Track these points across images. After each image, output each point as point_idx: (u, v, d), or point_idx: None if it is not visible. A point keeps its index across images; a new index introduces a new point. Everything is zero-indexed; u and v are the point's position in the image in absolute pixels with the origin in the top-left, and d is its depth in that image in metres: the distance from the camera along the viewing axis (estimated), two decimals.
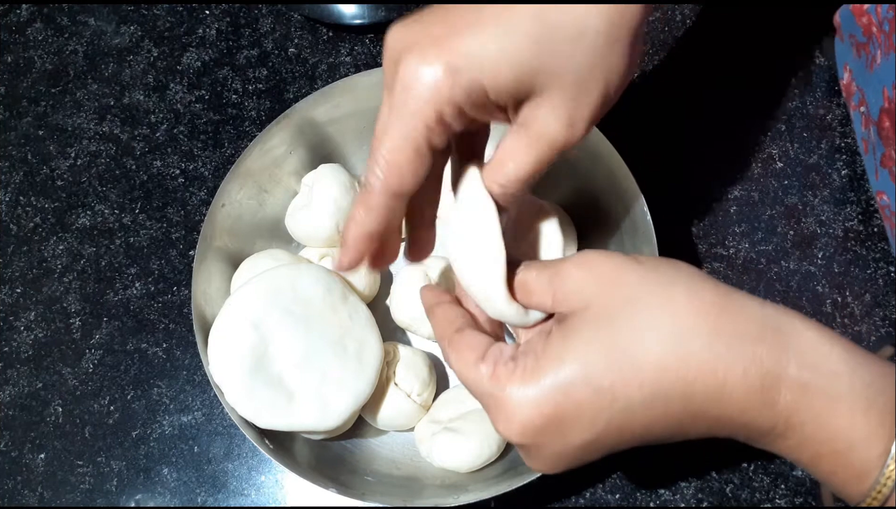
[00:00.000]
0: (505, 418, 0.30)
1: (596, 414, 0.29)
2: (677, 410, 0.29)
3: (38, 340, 0.52)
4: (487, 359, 0.31)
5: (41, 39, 0.61)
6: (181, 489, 0.48)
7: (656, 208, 0.45)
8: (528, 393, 0.29)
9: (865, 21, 0.49)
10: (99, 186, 0.56)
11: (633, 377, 0.28)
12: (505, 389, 0.30)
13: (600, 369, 0.29)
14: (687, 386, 0.28)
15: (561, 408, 0.29)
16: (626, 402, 0.29)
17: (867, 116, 0.50)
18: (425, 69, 0.29)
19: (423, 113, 0.30)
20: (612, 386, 0.29)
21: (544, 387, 0.29)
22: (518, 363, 0.30)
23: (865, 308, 0.50)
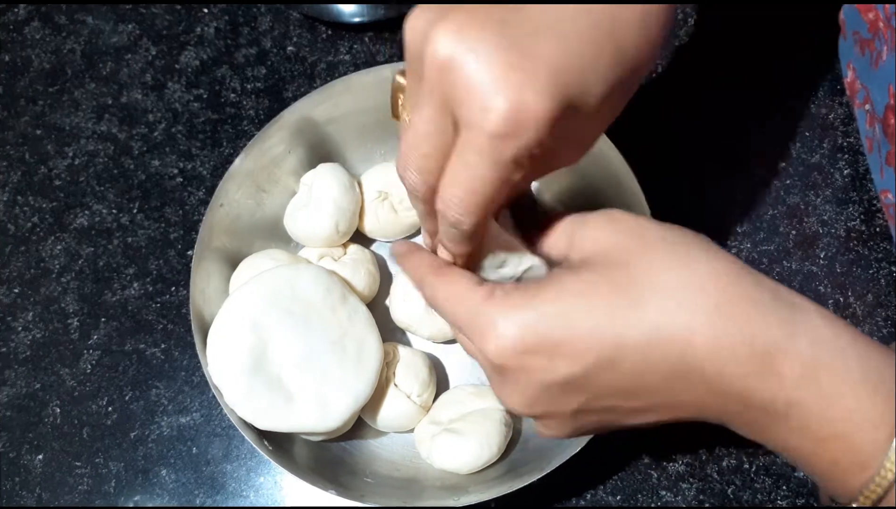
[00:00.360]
0: (494, 335, 0.29)
1: (587, 343, 0.28)
2: (673, 360, 0.28)
3: (35, 341, 0.52)
4: (485, 285, 0.30)
5: (39, 38, 0.61)
6: (179, 490, 0.48)
7: (657, 208, 0.45)
8: (523, 313, 0.28)
9: (872, 17, 0.49)
10: (97, 186, 0.56)
11: (636, 317, 0.28)
12: (499, 307, 0.29)
13: (603, 304, 0.28)
14: (689, 336, 0.27)
15: (554, 333, 0.28)
16: (620, 338, 0.28)
17: (872, 114, 0.50)
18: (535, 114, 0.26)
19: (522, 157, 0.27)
20: (613, 321, 0.28)
21: (542, 310, 0.28)
22: (519, 288, 0.29)
23: (868, 308, 0.49)
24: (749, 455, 0.47)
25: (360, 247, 0.51)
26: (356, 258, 0.49)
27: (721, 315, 0.27)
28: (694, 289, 0.28)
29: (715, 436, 0.47)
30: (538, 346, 0.28)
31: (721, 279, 0.28)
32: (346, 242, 0.51)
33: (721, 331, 0.27)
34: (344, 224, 0.49)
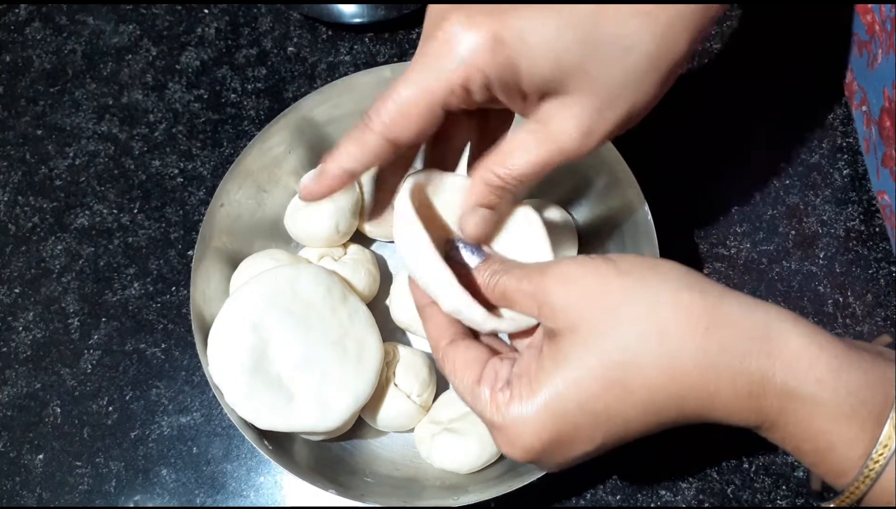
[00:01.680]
0: (507, 443, 0.31)
1: (593, 432, 0.30)
2: (671, 419, 0.30)
3: (36, 341, 0.52)
4: (483, 382, 0.31)
5: (40, 39, 0.61)
6: (180, 490, 0.48)
7: (657, 208, 0.45)
8: (526, 420, 0.30)
9: (869, 19, 0.49)
10: (97, 186, 0.56)
11: (626, 398, 0.29)
12: (504, 417, 0.30)
13: (593, 394, 0.29)
14: (679, 400, 0.29)
15: (559, 432, 0.30)
16: (622, 420, 0.30)
17: (868, 116, 0.50)
18: (470, 32, 0.29)
19: (453, 73, 0.29)
20: (607, 409, 0.29)
21: (541, 415, 0.30)
22: (513, 388, 0.30)
23: (867, 308, 0.50)
24: (749, 454, 0.47)
25: (360, 248, 0.51)
26: (356, 258, 0.50)
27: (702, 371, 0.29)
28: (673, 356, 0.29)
29: (715, 436, 0.47)
30: (546, 447, 0.30)
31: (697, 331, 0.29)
32: (346, 242, 0.51)
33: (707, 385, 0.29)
34: (344, 224, 0.49)
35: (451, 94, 0.30)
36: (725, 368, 0.29)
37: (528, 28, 0.29)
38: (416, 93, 0.30)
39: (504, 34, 0.29)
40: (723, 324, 0.29)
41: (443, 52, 0.29)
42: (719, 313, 0.29)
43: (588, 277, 0.30)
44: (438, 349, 0.34)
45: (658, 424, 0.30)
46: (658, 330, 0.29)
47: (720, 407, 0.29)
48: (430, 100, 0.30)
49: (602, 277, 0.30)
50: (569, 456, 0.31)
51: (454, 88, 0.30)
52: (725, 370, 0.29)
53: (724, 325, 0.29)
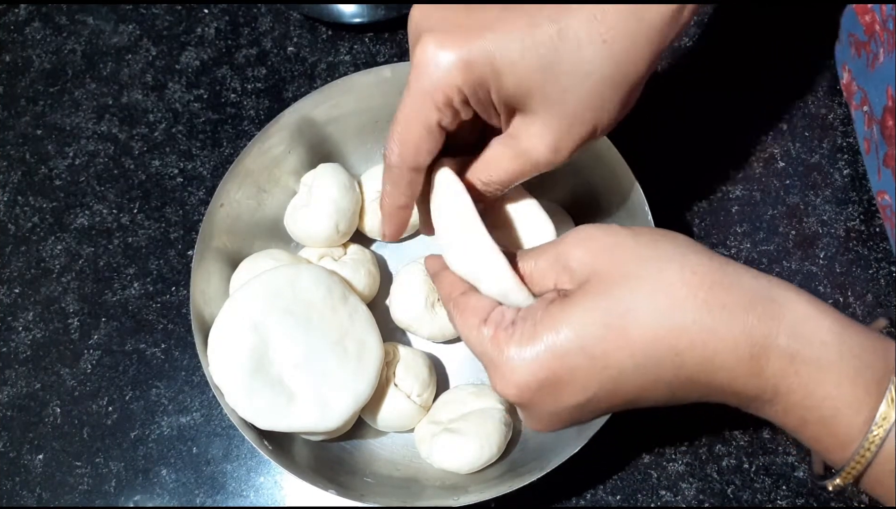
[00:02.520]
0: (502, 379, 0.31)
1: (588, 378, 0.30)
2: (668, 377, 0.30)
3: (36, 341, 0.52)
4: (489, 322, 0.32)
5: (39, 38, 0.61)
6: (180, 490, 0.48)
7: (657, 208, 0.45)
8: (524, 356, 0.31)
9: (868, 19, 0.49)
10: (97, 186, 0.56)
11: (625, 346, 0.30)
12: (503, 352, 0.31)
13: (594, 338, 0.30)
14: (677, 356, 0.29)
15: (555, 373, 0.30)
16: (618, 369, 0.30)
17: (870, 115, 0.50)
18: (440, 54, 0.31)
19: (433, 95, 0.31)
20: (605, 354, 0.30)
21: (540, 353, 0.30)
22: (517, 327, 0.31)
23: (867, 308, 0.50)
24: (749, 454, 0.47)
25: (360, 247, 0.51)
26: (356, 258, 0.50)
27: (704, 327, 0.29)
28: (675, 309, 0.29)
29: (715, 436, 0.47)
30: (541, 388, 0.31)
31: (701, 289, 0.29)
32: (346, 242, 0.51)
33: (707, 342, 0.29)
34: (344, 224, 0.49)
35: (440, 113, 0.32)
36: (727, 327, 0.29)
37: (494, 51, 0.31)
38: (410, 117, 0.32)
39: (472, 56, 0.31)
40: (727, 285, 0.30)
41: (422, 75, 0.32)
42: (724, 274, 0.30)
43: (603, 237, 0.32)
44: (450, 300, 0.35)
45: (655, 379, 0.30)
46: (664, 285, 0.30)
47: (720, 369, 0.29)
48: (424, 122, 0.32)
49: (615, 240, 0.32)
50: (560, 403, 0.31)
51: (440, 108, 0.32)
52: (727, 329, 0.29)
53: (728, 286, 0.29)
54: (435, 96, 0.31)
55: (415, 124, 0.32)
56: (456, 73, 0.31)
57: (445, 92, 0.31)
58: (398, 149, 0.33)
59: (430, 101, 0.32)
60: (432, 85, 0.31)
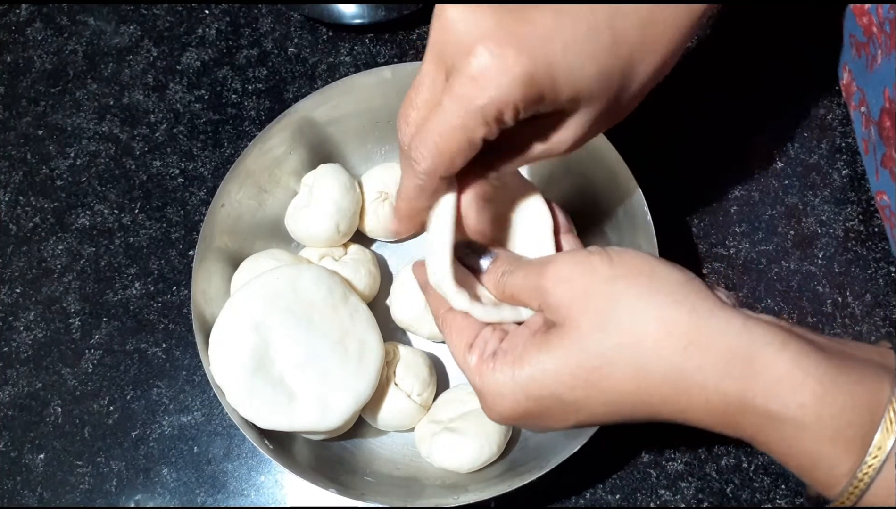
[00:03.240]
0: (486, 407, 0.33)
1: (564, 416, 0.32)
2: (643, 418, 0.32)
3: (37, 340, 0.52)
4: (474, 348, 0.34)
5: (41, 39, 0.61)
6: (181, 489, 0.48)
7: (657, 208, 0.45)
8: (503, 394, 0.32)
9: (866, 21, 0.49)
10: (98, 186, 0.56)
11: (596, 397, 0.31)
12: (486, 384, 0.33)
13: (566, 387, 0.31)
14: (649, 407, 0.31)
15: (530, 411, 0.32)
16: (589, 413, 0.32)
17: (868, 116, 0.50)
18: (504, 68, 0.29)
19: (488, 110, 0.29)
20: (576, 403, 0.31)
21: (517, 393, 0.32)
22: (497, 360, 0.33)
23: (866, 308, 0.50)
24: (748, 454, 0.47)
25: (360, 248, 0.51)
26: (357, 258, 0.50)
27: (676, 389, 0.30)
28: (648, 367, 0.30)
29: (714, 436, 0.47)
30: (521, 417, 0.33)
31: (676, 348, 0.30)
32: (346, 242, 0.51)
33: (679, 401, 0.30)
34: (344, 224, 0.49)
35: (488, 127, 0.30)
36: (699, 387, 0.29)
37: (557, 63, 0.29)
38: (455, 129, 0.30)
39: (536, 70, 0.29)
40: (703, 345, 0.29)
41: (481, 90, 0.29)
42: (701, 332, 0.30)
43: (581, 278, 0.32)
44: (439, 316, 0.36)
45: (630, 419, 0.32)
46: (635, 342, 0.30)
47: (694, 420, 0.30)
48: (470, 136, 0.30)
49: (594, 279, 0.31)
50: (543, 427, 0.34)
51: (490, 123, 0.30)
52: (699, 389, 0.29)
53: (704, 345, 0.29)
54: (488, 112, 0.29)
55: (458, 136, 0.30)
56: (517, 90, 0.29)
57: (500, 108, 0.29)
58: (433, 159, 0.31)
59: (481, 116, 0.30)
60: (489, 101, 0.29)
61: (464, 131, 0.30)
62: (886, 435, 0.28)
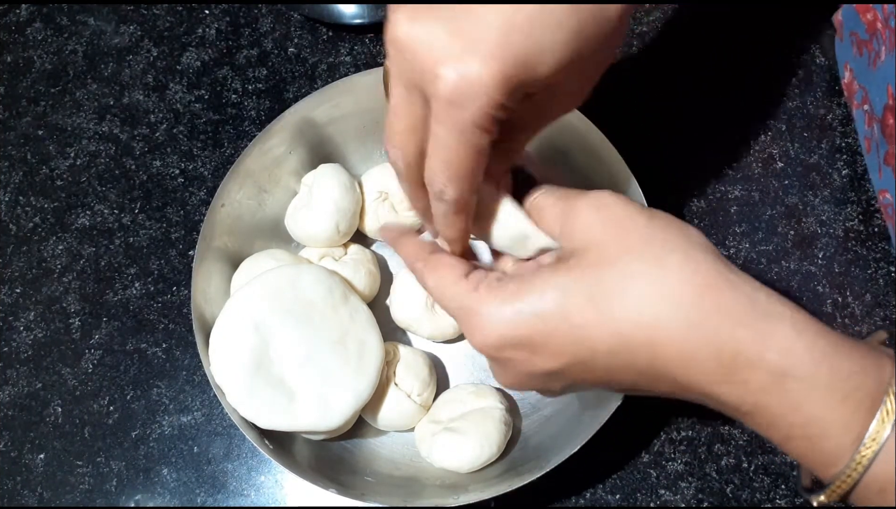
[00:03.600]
0: (479, 330, 0.31)
1: (563, 346, 0.30)
2: (641, 365, 0.30)
3: (37, 340, 0.52)
4: (471, 278, 0.32)
5: (41, 39, 0.61)
6: (181, 489, 0.48)
7: (656, 208, 0.45)
8: (505, 311, 0.30)
9: (870, 17, 0.49)
10: (98, 186, 0.56)
11: (606, 322, 0.29)
12: (484, 304, 0.31)
13: (577, 306, 0.29)
14: (654, 347, 0.29)
15: (532, 331, 0.30)
16: (593, 344, 0.30)
17: (871, 114, 0.50)
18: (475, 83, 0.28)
19: (480, 122, 0.29)
20: (585, 325, 0.29)
21: (522, 309, 0.30)
22: (502, 283, 0.31)
23: (866, 308, 0.50)
24: (748, 454, 0.47)
25: (360, 248, 0.51)
26: (357, 258, 0.50)
27: (690, 326, 0.29)
28: (665, 297, 0.29)
29: (714, 436, 0.47)
30: (517, 344, 0.30)
31: (696, 288, 0.29)
32: (346, 242, 0.51)
33: (689, 341, 0.29)
34: (344, 224, 0.49)
35: (488, 133, 0.30)
36: (714, 330, 0.28)
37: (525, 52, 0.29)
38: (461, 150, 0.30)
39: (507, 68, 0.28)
40: (724, 289, 0.29)
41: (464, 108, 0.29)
42: (725, 279, 0.29)
43: (619, 208, 0.31)
44: (418, 259, 0.34)
45: (626, 365, 0.30)
46: (660, 273, 0.29)
47: (698, 371, 0.29)
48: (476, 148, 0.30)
49: (629, 213, 0.31)
50: (532, 365, 0.31)
51: (487, 128, 0.29)
52: (713, 332, 0.28)
53: (725, 292, 0.29)
54: (481, 123, 0.29)
55: (468, 154, 0.30)
56: (497, 94, 0.28)
57: (490, 113, 0.29)
58: (457, 185, 0.31)
59: (477, 130, 0.29)
60: (476, 114, 0.29)
61: (468, 146, 0.30)
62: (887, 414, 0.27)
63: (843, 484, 0.28)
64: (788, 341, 0.28)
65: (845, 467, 0.28)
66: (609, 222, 0.31)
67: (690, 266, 0.29)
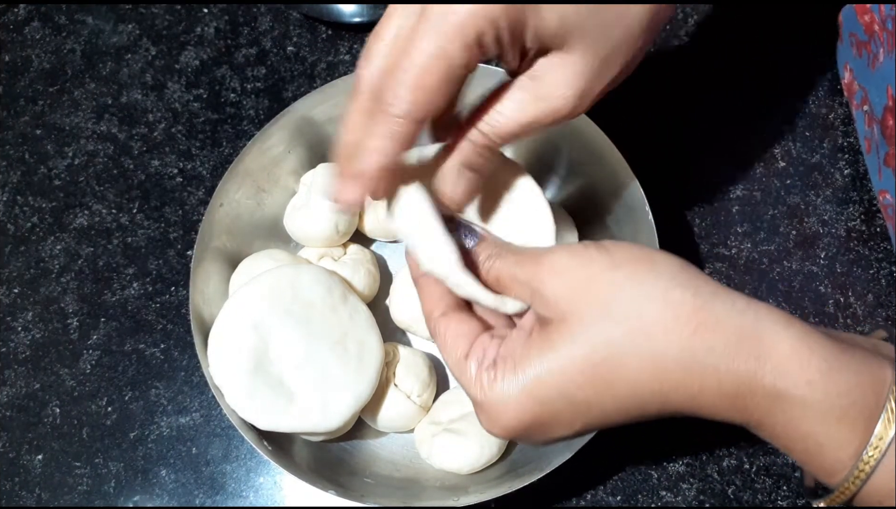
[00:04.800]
0: (489, 420, 0.31)
1: (573, 419, 0.30)
2: (653, 412, 0.30)
3: (35, 341, 0.52)
4: (471, 358, 0.32)
5: (39, 38, 0.61)
6: (179, 490, 0.48)
7: (658, 208, 0.45)
8: (507, 403, 0.30)
9: (867, 19, 0.49)
10: (96, 186, 0.56)
11: (607, 392, 0.29)
12: (487, 396, 0.31)
13: (575, 385, 0.30)
14: (661, 397, 0.29)
15: (538, 416, 0.30)
16: (600, 410, 0.30)
17: (871, 115, 0.50)
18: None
19: (465, 30, 0.27)
20: (587, 400, 0.30)
21: (522, 399, 0.30)
22: (498, 370, 0.31)
23: (868, 308, 0.49)
24: (749, 455, 0.47)
25: (360, 247, 0.51)
26: (356, 258, 0.49)
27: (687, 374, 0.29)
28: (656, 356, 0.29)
29: (715, 437, 0.47)
30: (527, 428, 0.31)
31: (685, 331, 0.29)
32: (345, 242, 0.51)
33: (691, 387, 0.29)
34: (343, 224, 0.49)
35: (468, 52, 0.28)
36: (712, 369, 0.29)
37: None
38: (433, 57, 0.28)
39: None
40: (712, 325, 0.29)
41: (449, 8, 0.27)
42: (709, 313, 0.29)
43: (580, 269, 0.30)
44: (431, 319, 0.34)
45: (640, 416, 0.30)
46: (644, 328, 0.29)
47: (704, 406, 0.29)
48: (449, 64, 0.28)
49: (594, 270, 0.30)
50: (547, 437, 0.32)
51: (469, 45, 0.28)
52: (712, 370, 0.29)
53: (713, 326, 0.29)
54: (466, 32, 0.27)
55: (438, 66, 0.28)
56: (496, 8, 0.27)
57: (480, 26, 0.27)
58: (411, 95, 0.28)
59: (459, 37, 0.27)
60: (466, 16, 0.27)
61: (443, 59, 0.28)
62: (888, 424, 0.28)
63: (843, 494, 0.29)
64: (781, 363, 0.28)
65: (844, 480, 0.28)
66: (576, 290, 0.30)
67: (671, 312, 0.29)
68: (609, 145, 0.46)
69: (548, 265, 0.31)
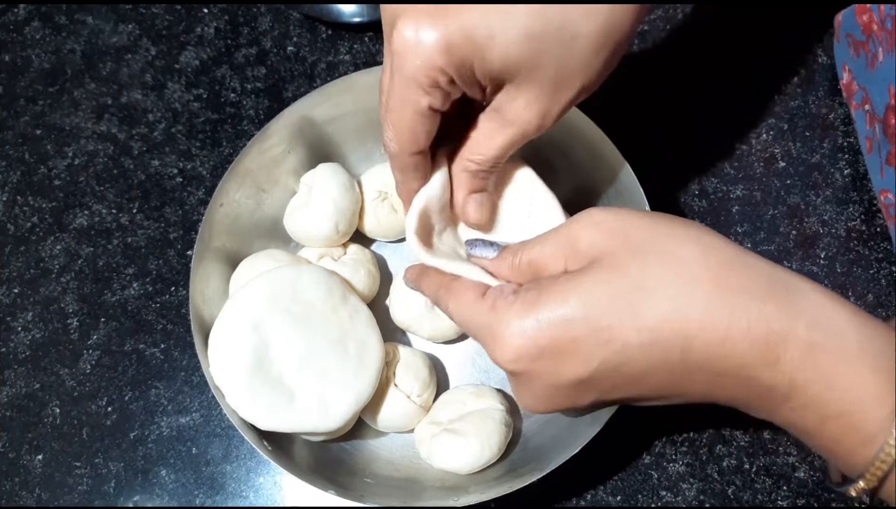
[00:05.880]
0: (501, 346, 0.30)
1: (591, 350, 0.29)
2: (675, 360, 0.29)
3: (35, 341, 0.52)
4: (488, 296, 0.32)
5: (39, 38, 0.61)
6: (179, 490, 0.48)
7: (658, 208, 0.45)
8: (525, 323, 0.30)
9: (866, 19, 0.49)
10: (96, 186, 0.56)
11: (632, 322, 0.29)
12: (503, 318, 0.31)
13: (600, 310, 0.29)
14: (686, 339, 0.28)
15: (557, 340, 0.29)
16: (623, 344, 0.29)
17: (872, 114, 0.50)
18: (419, 37, 0.30)
19: (418, 79, 0.31)
20: (610, 327, 0.29)
21: (542, 320, 0.30)
22: (519, 296, 0.31)
23: (868, 308, 0.49)
24: (749, 455, 0.47)
25: (360, 247, 0.51)
26: (356, 258, 0.49)
27: (716, 311, 0.28)
28: (687, 287, 0.28)
29: (715, 437, 0.47)
30: (541, 355, 0.30)
31: (716, 271, 0.29)
32: (346, 242, 0.51)
33: (720, 326, 0.28)
34: (344, 224, 0.49)
35: (430, 95, 0.31)
36: (742, 310, 0.28)
37: (473, 28, 0.30)
38: (400, 104, 0.32)
39: (451, 36, 0.30)
40: (743, 269, 0.29)
41: (404, 61, 0.31)
42: (741, 260, 0.29)
43: (614, 220, 0.31)
44: (440, 287, 0.35)
45: (659, 363, 0.29)
46: (678, 263, 0.29)
47: (731, 354, 0.28)
48: (415, 107, 0.32)
49: (628, 219, 0.31)
50: (559, 375, 0.30)
51: (427, 91, 0.31)
52: (741, 313, 0.28)
53: (744, 270, 0.29)
54: (420, 81, 0.31)
55: (406, 110, 0.32)
56: (437, 56, 0.30)
57: (430, 75, 0.31)
58: (394, 136, 0.33)
59: (415, 85, 0.31)
60: (416, 70, 0.31)
61: (408, 103, 0.32)
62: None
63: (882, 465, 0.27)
64: (814, 313, 0.28)
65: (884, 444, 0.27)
66: (612, 234, 0.31)
67: (705, 253, 0.29)
68: (609, 145, 0.46)
69: (584, 220, 0.32)
